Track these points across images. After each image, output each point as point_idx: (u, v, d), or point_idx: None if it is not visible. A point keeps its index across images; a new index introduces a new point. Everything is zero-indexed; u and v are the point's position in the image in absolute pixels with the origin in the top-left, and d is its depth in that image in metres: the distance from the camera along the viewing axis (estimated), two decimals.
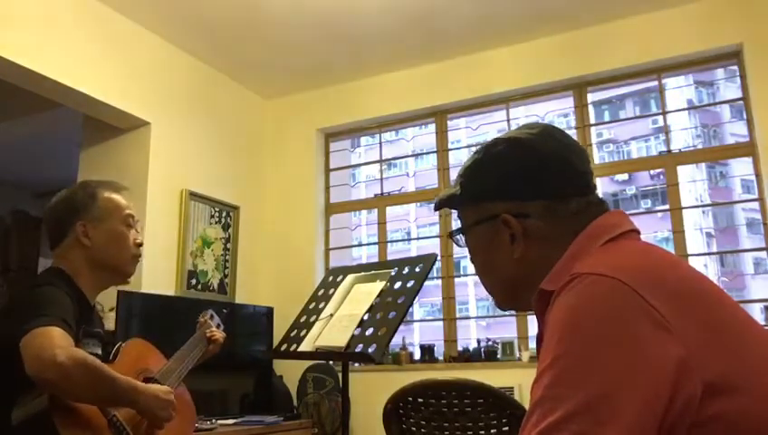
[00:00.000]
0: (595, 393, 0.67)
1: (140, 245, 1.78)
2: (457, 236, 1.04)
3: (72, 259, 1.68)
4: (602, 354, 0.69)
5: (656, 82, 3.89)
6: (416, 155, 5.16)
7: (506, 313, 3.96)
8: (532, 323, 4.01)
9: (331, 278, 2.16)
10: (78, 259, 1.68)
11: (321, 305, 2.05)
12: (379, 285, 1.92)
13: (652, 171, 4.23)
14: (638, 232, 0.91)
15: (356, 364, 3.75)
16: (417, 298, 1.86)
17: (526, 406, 2.09)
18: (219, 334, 2.04)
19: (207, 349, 1.99)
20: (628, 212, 1.00)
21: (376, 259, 4.27)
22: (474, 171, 0.99)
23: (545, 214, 0.91)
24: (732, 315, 0.78)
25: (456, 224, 1.05)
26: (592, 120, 4.19)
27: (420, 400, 2.00)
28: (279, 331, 3.05)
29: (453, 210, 1.08)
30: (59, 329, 1.39)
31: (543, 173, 0.93)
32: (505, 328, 4.22)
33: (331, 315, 1.96)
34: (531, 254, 0.92)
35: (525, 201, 0.92)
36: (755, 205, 3.60)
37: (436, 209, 1.09)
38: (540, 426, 0.68)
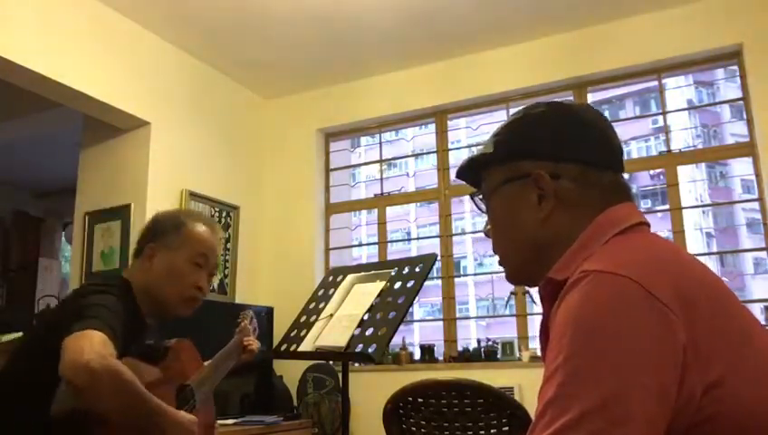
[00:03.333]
0: (608, 393, 0.66)
1: (200, 289, 1.69)
2: (478, 199, 1.02)
3: (136, 276, 1.66)
4: (614, 353, 0.68)
5: (656, 82, 3.89)
6: (416, 155, 5.16)
7: (506, 312, 3.97)
8: (533, 323, 4.01)
9: (331, 278, 2.16)
10: (140, 279, 1.65)
11: (321, 305, 2.05)
12: (379, 285, 1.92)
13: (652, 171, 4.23)
14: (647, 224, 0.90)
15: (356, 364, 3.75)
16: (417, 298, 1.86)
17: (526, 406, 2.10)
18: (255, 344, 1.97)
19: (241, 358, 1.93)
20: None
21: (376, 259, 4.27)
22: (511, 130, 0.98)
23: (578, 178, 0.90)
24: (738, 314, 0.78)
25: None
26: None
27: (420, 400, 2.00)
28: (279, 331, 3.05)
29: (472, 186, 1.05)
30: (101, 334, 1.34)
31: (582, 137, 0.93)
32: (505, 328, 4.23)
33: (331, 315, 1.96)
34: (555, 218, 0.90)
35: (559, 162, 0.90)
36: (755, 205, 3.60)
37: (458, 176, 1.05)
38: (553, 426, 0.67)
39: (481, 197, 1.01)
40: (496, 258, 1.01)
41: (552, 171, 0.90)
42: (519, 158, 0.94)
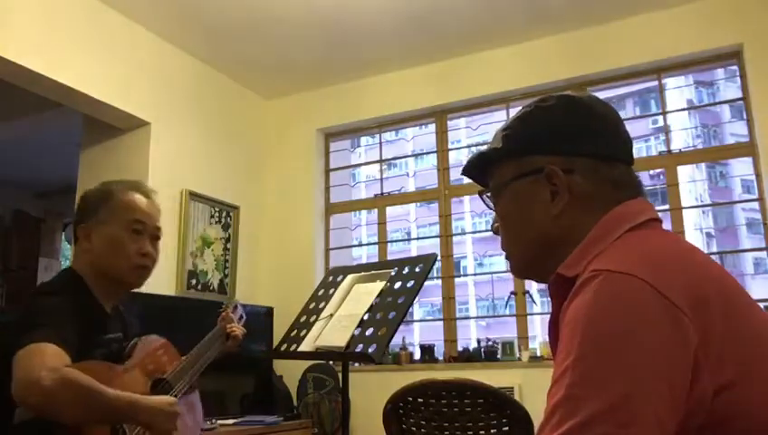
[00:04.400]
0: (617, 395, 0.66)
1: (146, 255, 1.65)
2: (486, 196, 1.00)
3: (80, 261, 1.63)
4: (624, 355, 0.68)
5: (656, 82, 3.90)
6: (416, 155, 5.16)
7: (506, 312, 3.97)
8: (533, 323, 4.01)
9: (331, 278, 2.16)
10: (84, 262, 1.62)
11: (320, 305, 2.04)
12: (378, 285, 1.92)
13: (652, 171, 4.23)
14: (660, 220, 0.89)
15: (356, 364, 3.75)
16: (417, 298, 1.86)
17: (526, 406, 2.09)
18: (239, 330, 1.96)
19: (226, 345, 1.92)
20: None
21: (376, 259, 4.27)
22: (521, 124, 0.96)
23: (589, 172, 0.89)
24: (752, 315, 0.77)
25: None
26: None
27: (420, 400, 2.00)
28: (279, 331, 3.05)
29: (478, 184, 1.04)
30: (51, 345, 1.32)
31: (593, 129, 0.92)
32: (505, 328, 4.22)
33: (331, 315, 1.96)
34: (568, 213, 0.89)
35: (571, 157, 0.89)
36: (755, 205, 3.60)
37: (464, 173, 1.03)
38: (562, 427, 0.67)
39: (488, 194, 1.00)
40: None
41: (564, 166, 0.89)
42: (530, 152, 0.92)
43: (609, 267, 0.74)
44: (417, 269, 1.88)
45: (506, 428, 1.93)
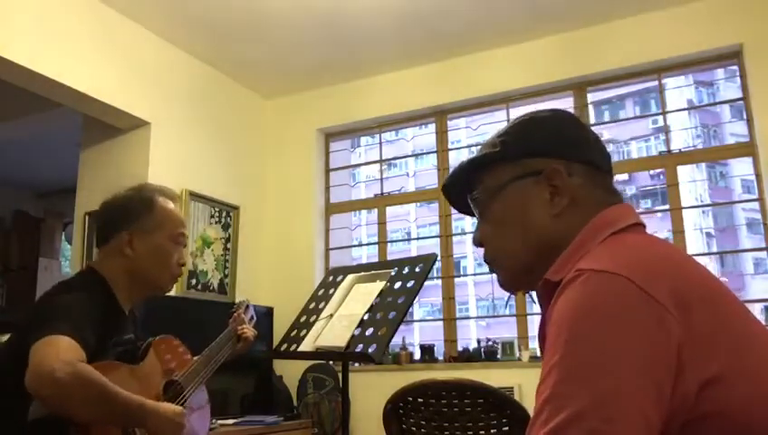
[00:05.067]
0: (604, 391, 0.67)
1: (183, 265, 1.71)
2: (476, 198, 1.00)
3: (111, 265, 1.63)
4: (609, 352, 0.69)
5: (656, 82, 3.90)
6: (416, 155, 5.16)
7: (506, 312, 3.97)
8: (532, 323, 4.01)
9: (331, 278, 2.16)
10: (117, 266, 1.62)
11: (321, 305, 2.04)
12: (378, 285, 1.92)
13: (652, 171, 4.23)
14: (643, 225, 0.91)
15: (356, 364, 3.75)
16: (417, 298, 1.86)
17: (526, 406, 2.09)
18: (250, 332, 1.95)
19: (237, 347, 1.92)
20: None
21: (376, 259, 4.27)
22: (520, 129, 0.98)
23: (587, 178, 0.92)
24: (735, 313, 0.78)
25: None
26: (592, 121, 4.18)
27: (420, 400, 2.00)
28: (279, 331, 3.05)
29: (452, 203, 1.06)
30: (68, 339, 1.32)
31: (587, 140, 0.97)
32: (505, 328, 4.23)
33: (331, 315, 1.96)
34: (567, 215, 0.90)
35: (571, 161, 0.92)
36: (755, 205, 3.60)
37: (450, 179, 1.04)
38: (549, 424, 0.68)
39: (473, 202, 1.00)
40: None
41: (564, 169, 0.92)
42: (529, 155, 0.94)
43: (594, 267, 0.75)
44: (417, 269, 1.88)
45: (506, 428, 1.92)
